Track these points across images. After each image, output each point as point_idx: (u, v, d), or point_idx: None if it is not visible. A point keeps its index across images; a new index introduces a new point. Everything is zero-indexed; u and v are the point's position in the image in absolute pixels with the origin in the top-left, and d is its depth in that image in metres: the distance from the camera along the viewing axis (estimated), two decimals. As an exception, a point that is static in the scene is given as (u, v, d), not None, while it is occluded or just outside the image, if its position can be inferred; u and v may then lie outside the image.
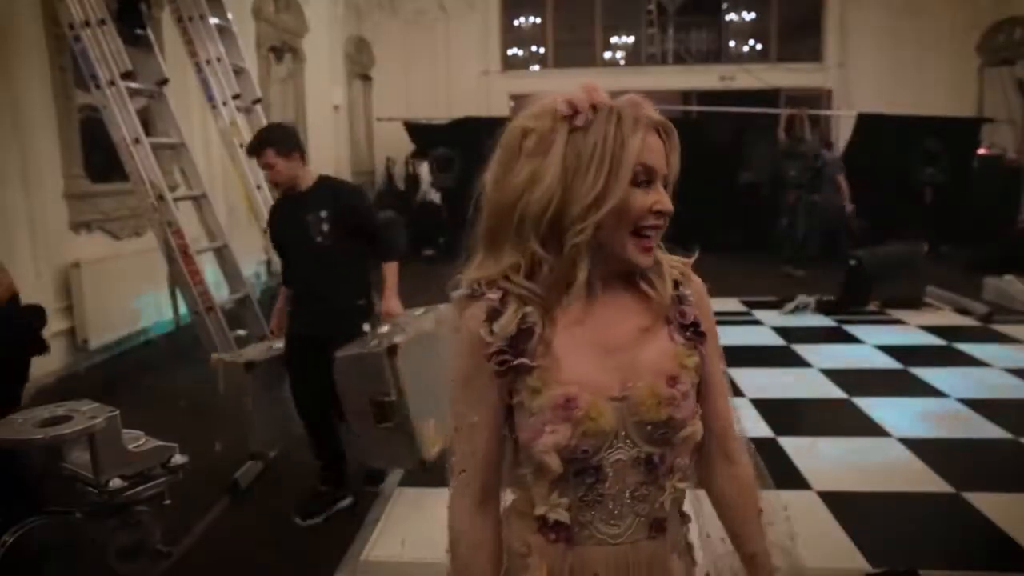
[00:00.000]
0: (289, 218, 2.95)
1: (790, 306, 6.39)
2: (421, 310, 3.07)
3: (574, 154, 0.94)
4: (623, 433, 0.97)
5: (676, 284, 1.04)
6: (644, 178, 0.96)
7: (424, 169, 9.90)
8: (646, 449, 0.98)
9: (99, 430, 1.44)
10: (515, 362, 0.96)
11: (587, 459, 0.96)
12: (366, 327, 2.94)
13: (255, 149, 2.93)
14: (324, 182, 3.00)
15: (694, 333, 1.03)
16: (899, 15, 9.94)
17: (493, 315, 0.97)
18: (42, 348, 2.86)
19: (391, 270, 3.03)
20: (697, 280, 1.07)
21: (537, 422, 0.95)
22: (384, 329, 2.88)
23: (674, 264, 1.05)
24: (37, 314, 2.86)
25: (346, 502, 3.02)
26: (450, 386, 1.03)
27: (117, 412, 1.47)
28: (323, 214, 2.87)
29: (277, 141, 2.91)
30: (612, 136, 0.93)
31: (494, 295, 0.98)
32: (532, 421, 0.96)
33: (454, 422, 1.03)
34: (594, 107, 0.95)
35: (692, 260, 1.07)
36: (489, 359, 0.97)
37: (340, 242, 2.89)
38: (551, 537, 1.01)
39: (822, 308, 6.30)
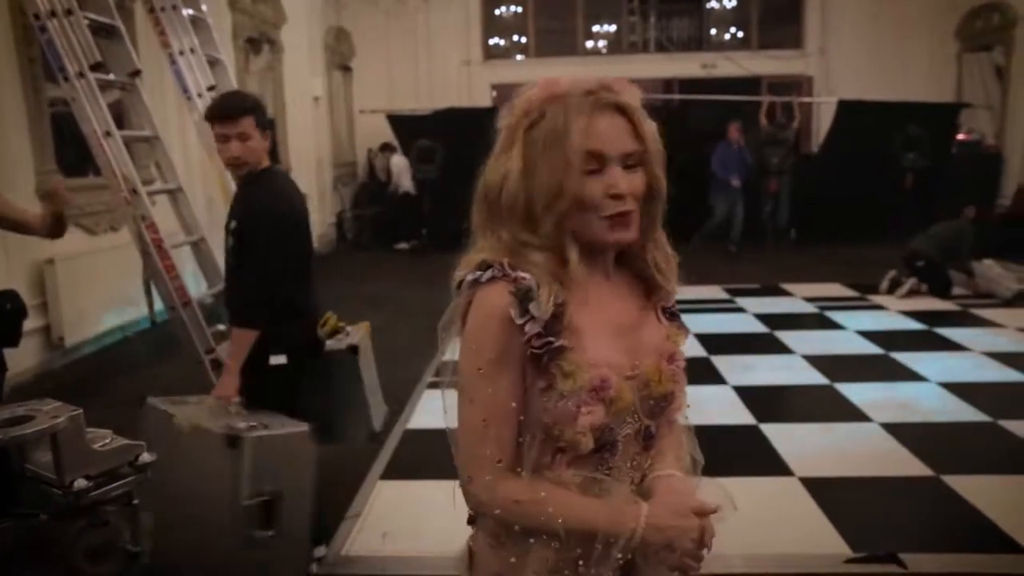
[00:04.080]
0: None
1: (886, 282, 6.42)
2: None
3: (531, 149, 0.97)
4: (633, 409, 1.02)
5: (664, 275, 1.09)
6: (595, 165, 0.97)
7: (395, 161, 9.84)
8: (645, 422, 1.04)
9: (61, 430, 1.41)
10: (556, 344, 0.96)
11: (611, 436, 1.01)
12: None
13: (232, 111, 2.27)
14: (259, 178, 2.36)
15: (671, 315, 1.11)
16: (879, 2, 9.96)
17: (525, 296, 0.96)
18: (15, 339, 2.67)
19: (239, 340, 2.30)
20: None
21: (570, 404, 0.96)
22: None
23: (663, 256, 1.08)
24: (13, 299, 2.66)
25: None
26: (471, 375, 0.99)
27: (80, 411, 1.44)
28: (232, 224, 2.35)
29: (257, 109, 2.33)
30: (560, 128, 0.96)
31: (526, 275, 0.97)
32: (563, 404, 0.96)
33: (482, 413, 0.99)
34: (551, 99, 0.97)
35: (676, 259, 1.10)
36: (528, 342, 0.96)
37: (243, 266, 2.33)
38: None
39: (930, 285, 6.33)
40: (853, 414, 3.84)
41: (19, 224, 2.57)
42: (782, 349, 5.03)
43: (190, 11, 4.50)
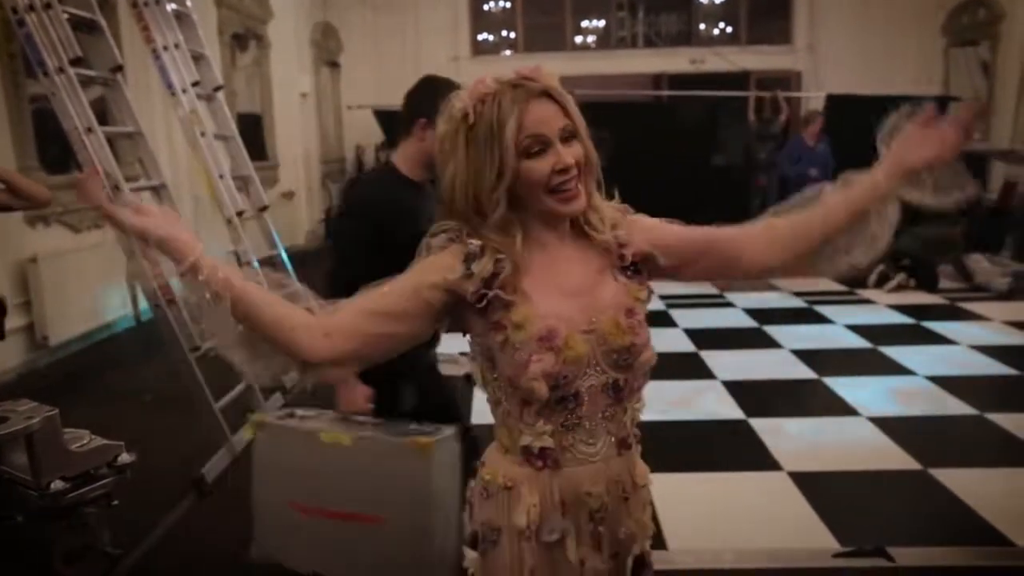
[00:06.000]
0: (423, 214, 1.99)
1: (874, 276, 6.41)
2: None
3: (473, 148, 1.09)
4: (594, 361, 1.12)
5: (613, 228, 1.18)
6: (537, 147, 1.08)
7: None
8: (612, 375, 1.13)
9: (36, 431, 1.38)
10: (491, 294, 1.08)
11: (568, 385, 1.10)
12: None
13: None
14: None
15: (635, 271, 1.18)
16: (867, -4, 9.99)
17: (470, 258, 1.09)
18: None
19: None
20: (634, 216, 1.21)
21: (523, 355, 1.08)
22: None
23: (610, 210, 1.19)
24: None
25: None
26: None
27: (56, 412, 1.41)
28: None
29: None
30: (495, 122, 1.07)
31: (475, 242, 1.10)
32: (517, 356, 1.08)
33: (372, 286, 1.11)
34: (483, 99, 1.08)
35: (624, 206, 1.21)
36: (473, 293, 1.08)
37: None
38: (538, 465, 1.14)
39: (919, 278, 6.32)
40: (842, 408, 3.84)
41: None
42: (771, 344, 5.03)
43: (174, 6, 4.45)
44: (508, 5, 11.02)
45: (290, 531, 1.93)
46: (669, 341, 4.88)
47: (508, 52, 11.10)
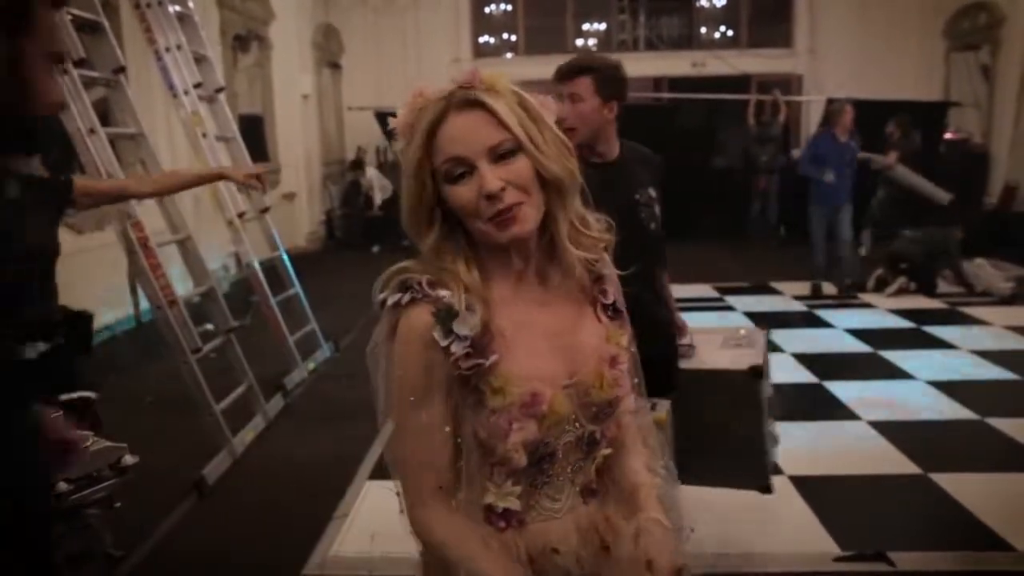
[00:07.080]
0: (610, 195, 1.94)
1: (872, 280, 6.42)
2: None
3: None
4: (572, 417, 0.99)
5: (593, 263, 1.04)
6: (462, 168, 0.93)
7: (370, 175, 9.80)
8: (589, 428, 1.01)
9: (40, 432, 1.38)
10: (487, 363, 0.93)
11: (547, 448, 0.99)
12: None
13: (567, 71, 2.07)
14: (630, 147, 2.18)
15: (614, 311, 1.06)
16: (867, 2, 10.00)
17: (447, 316, 0.93)
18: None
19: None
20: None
21: (501, 421, 0.94)
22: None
23: (592, 242, 1.02)
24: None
25: None
26: (401, 403, 0.97)
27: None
28: (652, 192, 2.13)
29: (600, 71, 2.06)
30: (410, 146, 0.95)
31: (444, 293, 0.94)
32: (495, 420, 0.94)
33: (416, 441, 0.97)
34: (418, 113, 0.95)
35: (608, 242, 1.05)
36: (455, 363, 0.93)
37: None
38: (500, 525, 1.01)
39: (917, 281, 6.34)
40: (842, 412, 3.84)
41: (121, 193, 2.83)
42: (771, 347, 5.02)
43: (176, 7, 4.46)
44: (509, 7, 11.03)
45: None
46: (670, 344, 4.87)
47: (509, 55, 11.12)
